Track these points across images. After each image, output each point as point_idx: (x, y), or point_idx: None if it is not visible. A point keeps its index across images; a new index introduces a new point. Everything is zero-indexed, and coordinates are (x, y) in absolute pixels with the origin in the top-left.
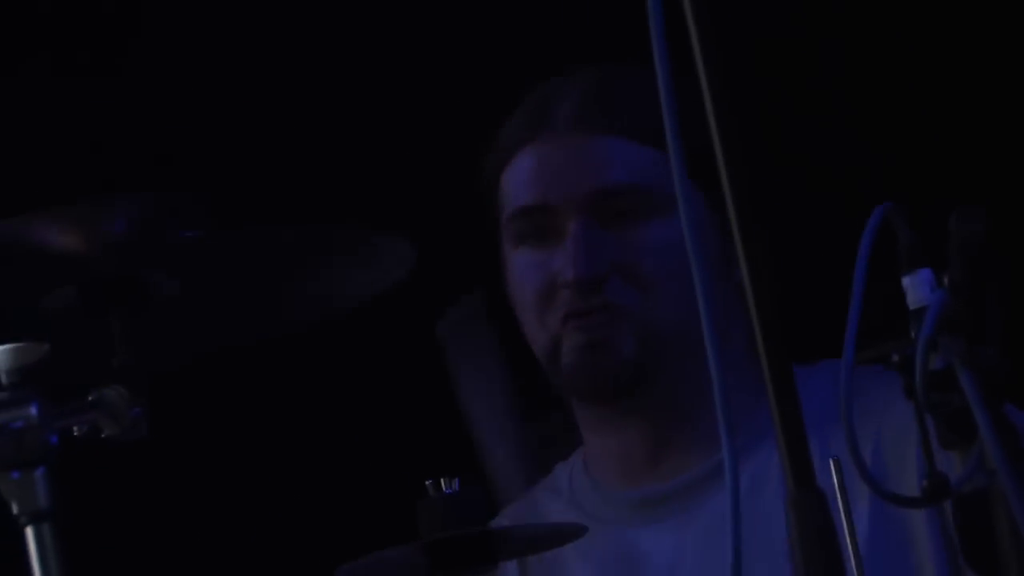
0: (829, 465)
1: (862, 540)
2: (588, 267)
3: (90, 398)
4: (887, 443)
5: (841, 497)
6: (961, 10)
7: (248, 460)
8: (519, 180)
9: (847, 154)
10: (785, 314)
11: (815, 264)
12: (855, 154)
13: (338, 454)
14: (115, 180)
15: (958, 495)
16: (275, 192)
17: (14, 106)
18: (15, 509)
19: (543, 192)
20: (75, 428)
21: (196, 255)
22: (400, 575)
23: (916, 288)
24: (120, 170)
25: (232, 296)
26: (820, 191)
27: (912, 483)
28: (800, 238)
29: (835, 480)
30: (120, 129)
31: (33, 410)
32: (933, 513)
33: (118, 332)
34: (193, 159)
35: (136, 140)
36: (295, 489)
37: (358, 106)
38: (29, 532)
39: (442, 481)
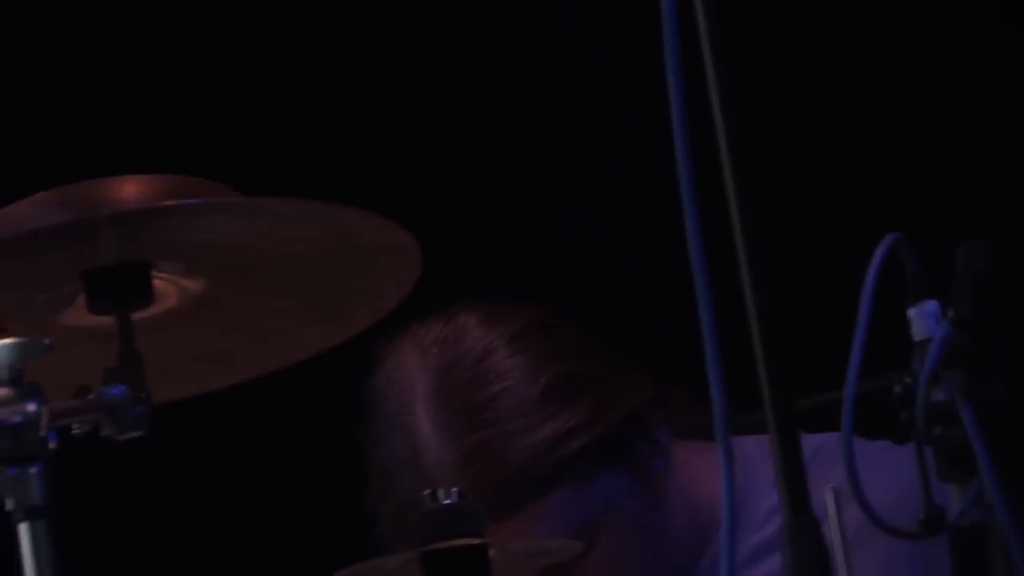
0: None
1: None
2: None
3: (91, 396)
4: None
5: (837, 526)
6: (979, 40)
7: (249, 458)
8: None
9: (856, 184)
10: (787, 344)
11: (821, 294)
12: (864, 184)
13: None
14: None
15: (954, 529)
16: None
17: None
18: (9, 505)
19: None
20: (74, 426)
21: (207, 246)
22: None
23: (921, 320)
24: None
25: (242, 309)
26: (829, 221)
27: None
28: (806, 268)
29: (831, 509)
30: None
31: (32, 406)
32: (918, 557)
33: (122, 328)
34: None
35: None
36: (295, 491)
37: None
38: (23, 529)
39: (439, 492)
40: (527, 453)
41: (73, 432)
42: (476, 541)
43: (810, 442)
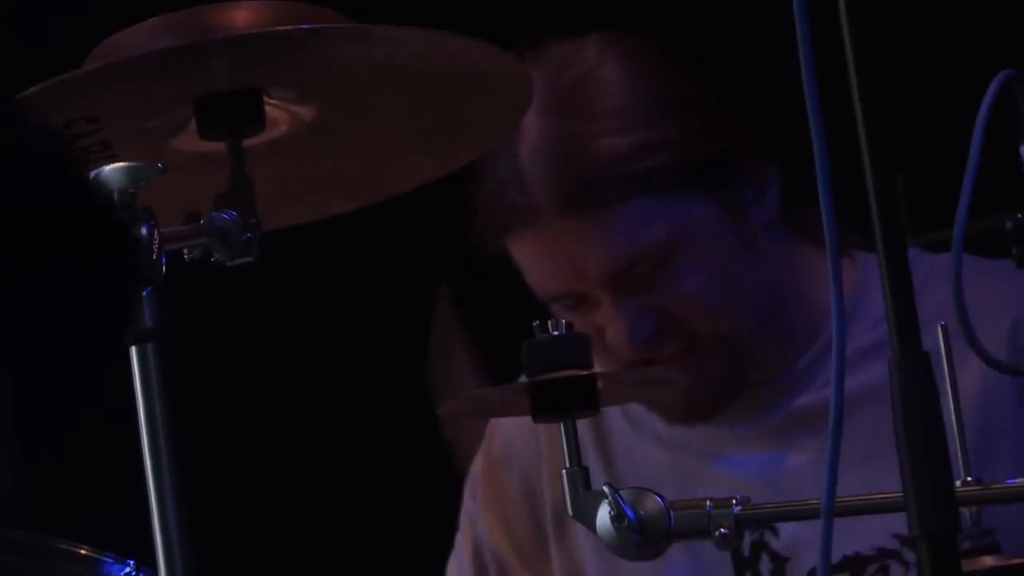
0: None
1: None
2: (640, 344)
3: (201, 221)
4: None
5: (947, 362)
6: None
7: (357, 285)
8: (530, 270)
9: (970, 18)
10: (898, 180)
11: (933, 131)
12: (978, 19)
13: None
14: None
15: None
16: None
17: None
18: None
19: (562, 283)
20: (185, 251)
21: (319, 72)
22: (501, 414)
23: None
24: None
25: (351, 137)
26: (940, 57)
27: None
28: (919, 105)
29: (941, 345)
30: None
31: (143, 230)
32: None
33: (234, 154)
34: None
35: None
36: (405, 317)
37: None
38: (133, 352)
39: (549, 323)
40: (614, 153)
41: (184, 257)
42: (584, 372)
43: (925, 261)
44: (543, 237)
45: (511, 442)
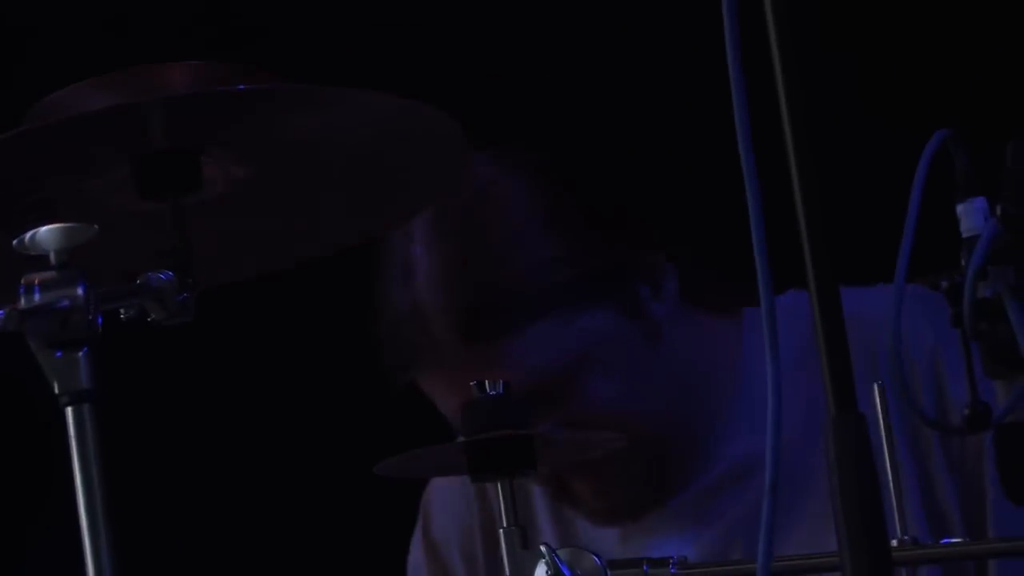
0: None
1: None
2: None
3: (138, 281)
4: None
5: (883, 422)
6: None
7: (293, 344)
8: (440, 400)
9: (907, 79)
10: (834, 236)
11: (870, 189)
12: (916, 80)
13: None
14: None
15: (999, 426)
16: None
17: None
18: (56, 389)
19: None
20: (121, 311)
21: (256, 133)
22: (439, 474)
23: (969, 216)
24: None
25: (288, 197)
26: (877, 116)
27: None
28: (856, 163)
29: (877, 405)
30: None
31: (80, 290)
32: (941, 445)
33: (170, 214)
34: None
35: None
36: (341, 378)
37: None
38: (69, 412)
39: (487, 383)
40: (514, 277)
41: (120, 316)
42: (521, 432)
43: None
44: (448, 371)
45: (447, 524)
